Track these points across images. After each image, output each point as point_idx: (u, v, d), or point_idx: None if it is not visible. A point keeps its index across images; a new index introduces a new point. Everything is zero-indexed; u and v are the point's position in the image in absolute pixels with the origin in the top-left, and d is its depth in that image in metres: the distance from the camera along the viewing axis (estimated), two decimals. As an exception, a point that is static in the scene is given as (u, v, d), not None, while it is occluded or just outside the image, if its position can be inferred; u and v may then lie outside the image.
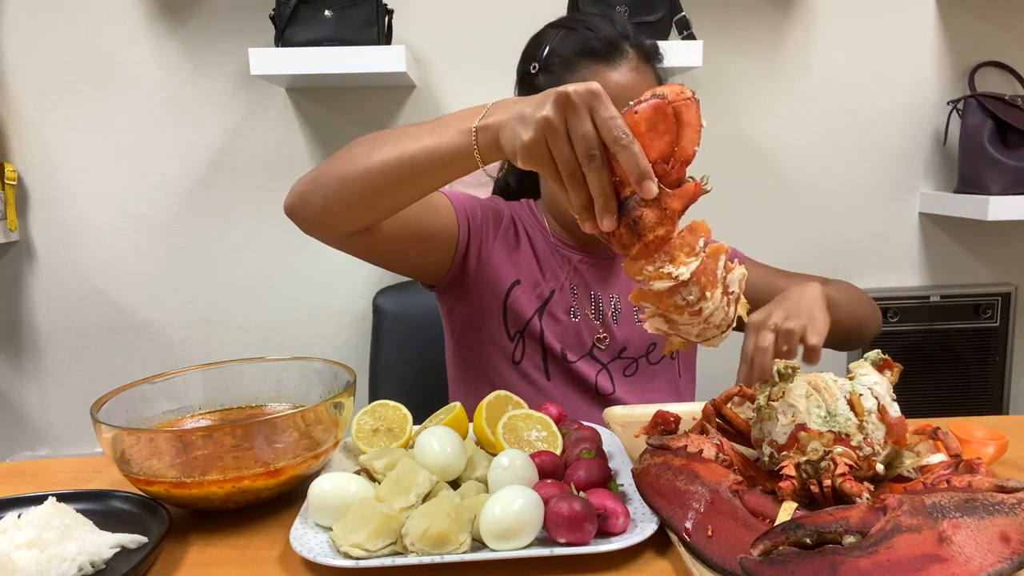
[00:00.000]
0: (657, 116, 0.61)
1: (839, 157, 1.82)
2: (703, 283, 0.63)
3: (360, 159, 0.84)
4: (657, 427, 0.77)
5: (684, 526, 0.61)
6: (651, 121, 0.61)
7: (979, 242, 1.89)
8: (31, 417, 1.83)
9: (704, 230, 0.64)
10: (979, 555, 0.51)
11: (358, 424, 0.82)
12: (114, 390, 0.78)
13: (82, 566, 0.61)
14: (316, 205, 0.88)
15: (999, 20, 1.79)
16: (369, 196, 0.85)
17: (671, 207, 0.63)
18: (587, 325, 1.09)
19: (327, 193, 0.87)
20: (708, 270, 0.63)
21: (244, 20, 1.67)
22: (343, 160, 0.86)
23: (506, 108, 0.71)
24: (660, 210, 0.62)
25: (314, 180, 0.89)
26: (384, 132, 0.86)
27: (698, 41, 1.52)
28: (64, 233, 1.75)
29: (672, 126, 0.61)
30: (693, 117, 0.61)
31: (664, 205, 0.62)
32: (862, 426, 0.65)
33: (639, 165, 0.61)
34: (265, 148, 1.73)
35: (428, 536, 0.60)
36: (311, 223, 0.91)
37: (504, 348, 1.08)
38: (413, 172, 0.81)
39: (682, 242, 0.63)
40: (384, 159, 0.81)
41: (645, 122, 0.61)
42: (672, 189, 0.63)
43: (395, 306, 1.45)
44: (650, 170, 0.61)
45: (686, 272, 0.62)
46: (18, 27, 1.66)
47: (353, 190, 0.85)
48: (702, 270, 0.63)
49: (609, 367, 1.10)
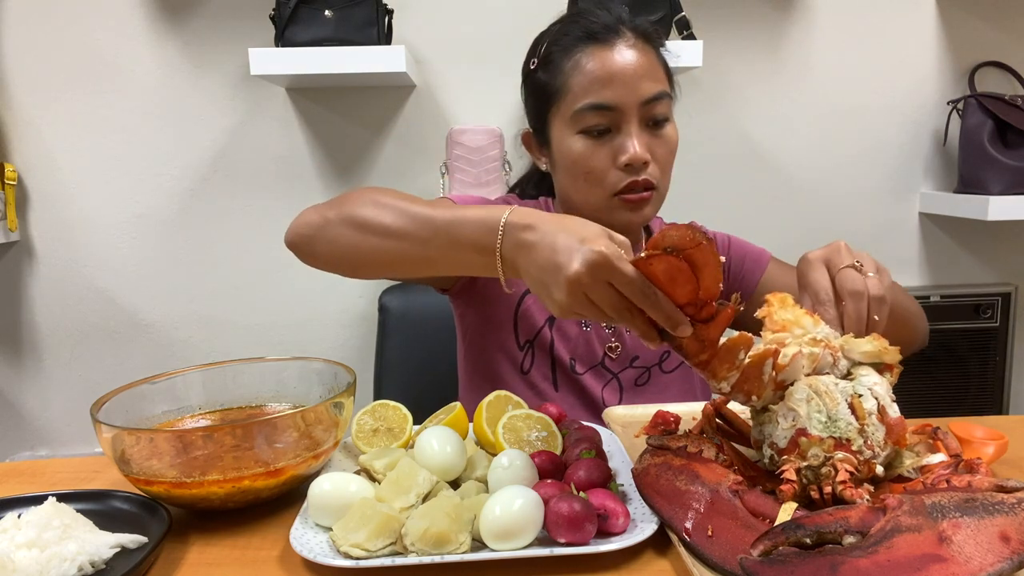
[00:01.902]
0: (673, 270, 0.61)
1: (839, 157, 1.82)
2: (747, 389, 0.67)
3: (372, 235, 0.81)
4: (657, 427, 0.77)
5: (684, 526, 0.61)
6: (668, 274, 0.62)
7: (979, 242, 1.89)
8: (31, 417, 1.83)
9: (744, 343, 0.66)
10: (979, 555, 0.51)
11: (358, 424, 0.82)
12: (114, 390, 0.78)
13: (82, 566, 0.61)
14: (323, 256, 0.87)
15: (999, 20, 1.79)
16: (381, 270, 0.85)
17: (709, 338, 0.65)
18: (598, 334, 1.07)
19: (338, 251, 0.85)
20: (751, 377, 0.67)
21: (244, 20, 1.67)
22: (354, 226, 0.83)
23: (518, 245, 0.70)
24: (699, 341, 0.65)
25: (322, 228, 0.85)
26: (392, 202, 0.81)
27: (698, 41, 1.52)
28: (64, 233, 1.75)
29: (690, 275, 0.62)
30: (708, 258, 0.61)
31: (702, 338, 0.65)
32: (863, 430, 0.65)
33: (669, 316, 0.64)
34: (265, 148, 1.74)
35: (428, 536, 0.60)
36: (317, 266, 0.90)
37: (514, 357, 1.07)
38: (428, 268, 0.81)
39: (720, 360, 0.66)
40: (400, 248, 0.79)
41: (663, 274, 0.62)
42: (706, 322, 0.65)
43: (400, 305, 1.45)
44: (679, 316, 0.64)
45: (726, 387, 0.67)
46: (18, 27, 1.66)
47: (365, 262, 0.84)
48: (743, 380, 0.67)
49: (620, 377, 1.08)
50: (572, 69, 0.97)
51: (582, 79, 0.96)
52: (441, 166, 1.64)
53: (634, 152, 0.94)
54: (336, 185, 1.76)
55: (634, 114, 0.95)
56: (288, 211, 1.75)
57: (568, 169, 1.00)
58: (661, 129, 0.98)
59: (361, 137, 1.75)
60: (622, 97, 0.95)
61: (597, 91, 0.95)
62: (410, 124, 1.75)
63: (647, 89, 0.95)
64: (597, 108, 0.95)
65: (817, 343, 0.69)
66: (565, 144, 0.99)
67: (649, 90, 0.95)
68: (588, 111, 0.95)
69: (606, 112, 0.95)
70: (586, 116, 0.96)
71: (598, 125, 0.96)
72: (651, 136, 0.97)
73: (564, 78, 0.98)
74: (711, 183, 1.81)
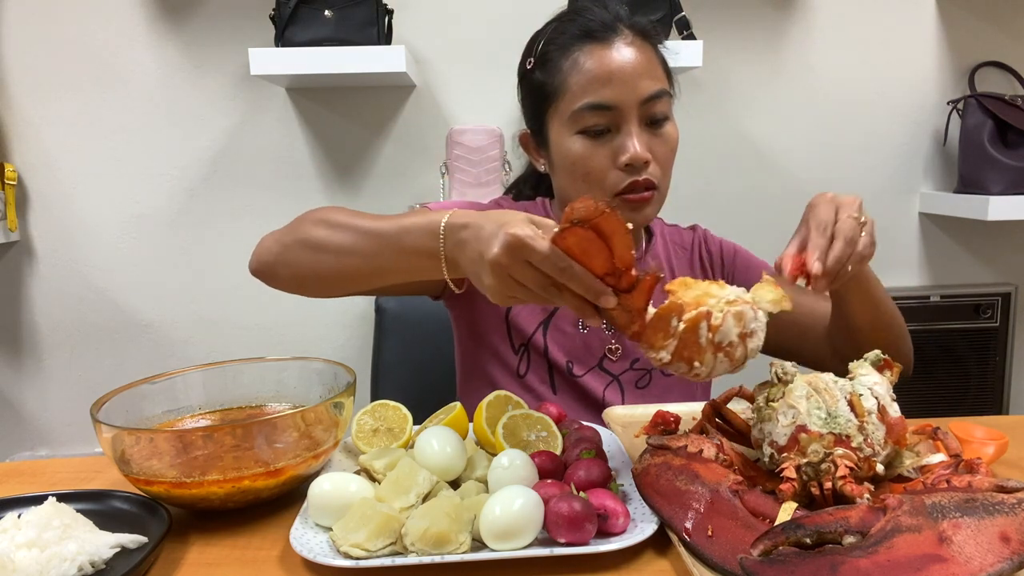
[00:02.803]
0: (583, 242, 0.62)
1: (839, 157, 1.82)
2: (687, 356, 0.67)
3: (324, 254, 0.85)
4: (657, 427, 0.77)
5: (684, 526, 0.61)
6: (580, 246, 0.63)
7: (979, 242, 1.89)
8: (31, 417, 1.83)
9: (674, 309, 0.66)
10: (979, 555, 0.51)
11: (358, 424, 0.82)
12: (114, 390, 0.78)
13: (82, 566, 0.61)
14: (285, 280, 0.91)
15: (999, 20, 1.79)
16: (340, 286, 0.88)
17: (635, 306, 0.65)
18: (597, 336, 1.06)
19: (297, 274, 0.89)
20: (689, 343, 0.66)
21: (244, 20, 1.67)
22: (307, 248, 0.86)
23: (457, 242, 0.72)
24: (626, 312, 0.66)
25: (280, 254, 0.89)
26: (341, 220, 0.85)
27: (698, 41, 1.52)
28: (64, 233, 1.75)
29: (600, 244, 0.63)
30: (615, 226, 0.62)
31: (628, 307, 0.65)
32: (862, 427, 0.65)
33: (589, 288, 0.64)
34: (265, 148, 1.74)
35: (428, 536, 0.60)
36: (283, 290, 0.93)
37: (508, 362, 1.06)
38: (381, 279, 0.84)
39: (654, 330, 0.66)
40: (350, 264, 0.83)
41: (576, 247, 0.63)
42: (629, 291, 0.65)
43: (397, 305, 1.45)
44: (600, 287, 0.64)
45: (666, 355, 0.67)
46: (18, 27, 1.66)
47: (324, 281, 0.87)
48: (683, 346, 0.66)
49: (620, 379, 1.07)
50: (570, 68, 0.96)
51: (580, 78, 0.95)
52: (441, 166, 1.64)
53: (634, 152, 0.93)
54: (336, 185, 1.76)
55: (634, 113, 0.94)
56: (288, 211, 1.75)
57: (567, 170, 0.99)
58: (661, 128, 0.97)
59: (361, 137, 1.75)
60: (621, 96, 0.94)
61: (596, 90, 0.94)
62: (410, 124, 1.75)
63: (646, 87, 0.94)
64: (596, 108, 0.94)
65: (733, 303, 0.68)
66: (564, 145, 0.98)
67: (648, 88, 0.95)
68: (587, 111, 0.94)
69: (605, 112, 0.94)
70: (585, 116, 0.95)
71: (597, 125, 0.95)
72: (651, 135, 0.96)
73: (562, 77, 0.97)
74: (711, 183, 1.81)
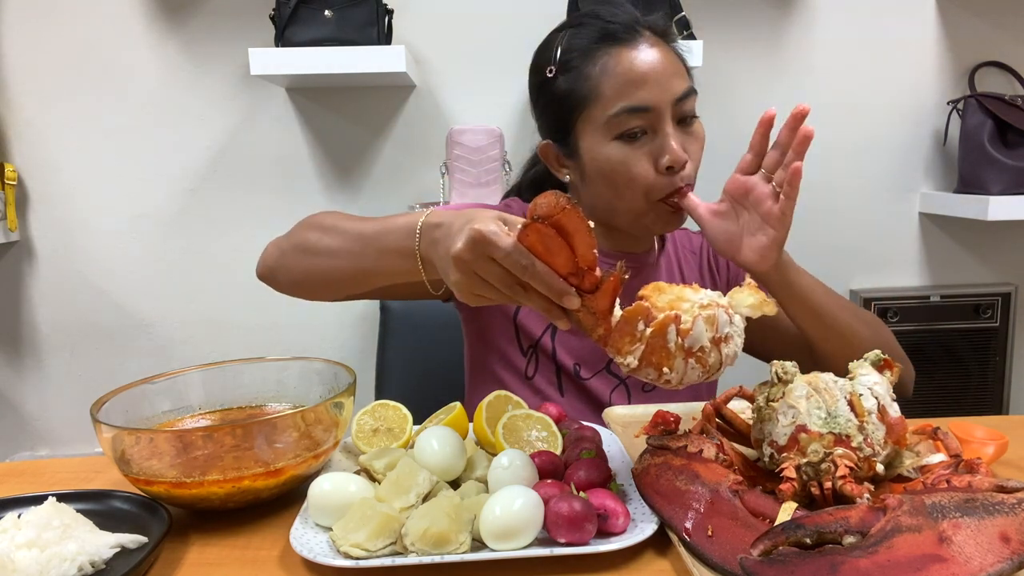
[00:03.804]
0: (545, 239, 0.61)
1: (839, 157, 1.82)
2: (655, 362, 0.65)
3: (316, 257, 0.86)
4: (657, 427, 0.77)
5: (684, 526, 0.61)
6: (543, 244, 0.62)
7: (979, 242, 1.89)
8: (31, 417, 1.83)
9: (641, 313, 0.65)
10: (979, 555, 0.51)
11: (358, 424, 0.82)
12: (114, 390, 0.78)
13: (82, 566, 0.61)
14: (286, 285, 0.94)
15: (999, 20, 1.79)
16: (333, 289, 0.89)
17: (599, 308, 0.64)
18: None
19: (294, 278, 0.91)
20: (657, 348, 0.65)
21: (244, 20, 1.67)
22: (301, 252, 0.89)
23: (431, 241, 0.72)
24: (591, 314, 0.64)
25: (279, 259, 0.92)
26: (332, 223, 0.86)
27: (698, 41, 1.52)
28: (64, 233, 1.75)
29: (561, 242, 0.62)
30: (576, 223, 0.61)
31: (592, 309, 0.64)
32: (862, 427, 0.65)
33: (552, 287, 0.63)
34: (265, 148, 1.74)
35: (428, 536, 0.60)
36: (287, 294, 0.95)
37: (516, 364, 1.06)
38: (368, 281, 0.84)
39: (621, 334, 0.65)
40: (337, 266, 0.84)
41: (539, 244, 0.62)
42: (592, 292, 0.64)
43: (402, 304, 1.45)
44: (562, 286, 0.63)
45: (633, 360, 0.65)
46: (18, 27, 1.66)
47: (317, 284, 0.89)
48: (651, 351, 0.65)
49: (627, 381, 1.06)
50: (600, 73, 0.93)
51: (614, 82, 0.92)
52: (441, 166, 1.64)
53: (676, 154, 0.92)
54: (336, 185, 1.76)
55: (668, 113, 0.93)
56: (288, 211, 1.75)
57: (607, 177, 0.95)
58: (691, 126, 0.97)
59: (361, 137, 1.75)
60: (657, 97, 0.92)
61: (632, 93, 0.91)
62: (410, 124, 1.74)
63: (678, 87, 0.93)
64: (634, 111, 0.91)
65: (707, 307, 0.67)
66: (601, 152, 0.94)
67: (680, 87, 0.93)
68: (625, 114, 0.92)
69: (643, 114, 0.92)
70: (622, 120, 0.92)
71: (636, 128, 0.92)
72: (684, 134, 0.95)
73: (593, 83, 0.93)
74: (711, 183, 1.80)
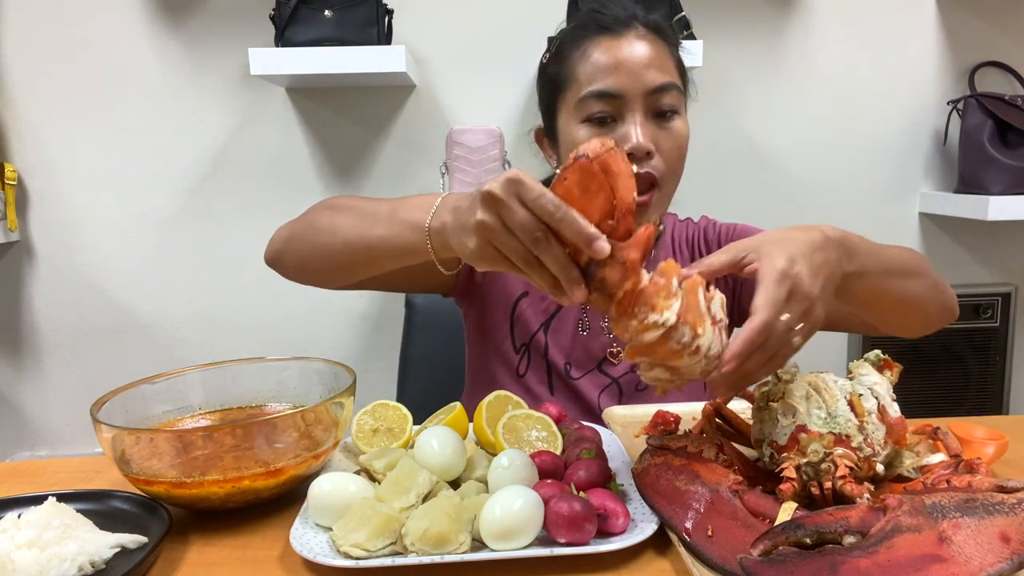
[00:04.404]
0: (586, 177, 0.59)
1: (839, 157, 1.82)
2: (691, 321, 0.61)
3: (324, 235, 0.86)
4: (657, 427, 0.77)
5: (684, 526, 0.61)
6: (582, 184, 0.60)
7: (979, 242, 1.89)
8: (31, 417, 1.83)
9: (674, 269, 0.62)
10: (979, 555, 0.51)
11: (358, 424, 0.82)
12: (114, 390, 0.78)
13: (82, 566, 0.61)
14: (292, 268, 0.94)
15: (999, 20, 1.79)
16: (338, 270, 0.88)
17: (630, 259, 0.61)
18: (598, 340, 1.05)
19: (300, 258, 0.91)
20: (691, 306, 0.61)
21: (244, 20, 1.67)
22: (310, 230, 0.89)
23: (449, 209, 0.70)
24: (620, 265, 0.61)
25: (287, 242, 0.92)
26: (347, 203, 0.87)
27: (698, 41, 1.52)
28: (64, 233, 1.75)
29: (603, 182, 0.60)
30: (621, 166, 0.60)
31: (622, 259, 0.61)
32: (862, 427, 0.65)
33: (583, 231, 0.59)
34: (265, 148, 1.74)
35: (428, 536, 0.60)
36: (293, 279, 0.95)
37: (509, 360, 1.06)
38: (372, 259, 0.83)
39: (656, 288, 0.61)
40: (345, 240, 0.84)
41: (576, 186, 0.60)
42: (624, 241, 0.61)
43: (426, 300, 1.45)
44: (595, 232, 0.59)
45: (671, 316, 0.60)
46: (18, 27, 1.66)
47: (322, 264, 0.88)
48: (686, 308, 0.61)
49: (620, 381, 1.06)
50: (580, 58, 0.96)
51: (588, 67, 0.95)
52: (441, 166, 1.64)
53: (636, 142, 0.92)
54: (336, 185, 1.76)
55: (639, 103, 0.94)
56: (288, 211, 1.74)
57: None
58: (668, 121, 0.96)
59: (361, 137, 1.75)
60: (626, 85, 0.93)
61: (602, 78, 0.94)
62: (410, 124, 1.75)
63: (653, 78, 0.94)
64: (601, 95, 0.94)
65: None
66: (570, 134, 0.98)
67: (655, 80, 0.94)
68: (592, 98, 0.94)
69: (610, 100, 0.94)
70: (590, 104, 0.94)
71: (601, 112, 0.94)
72: (657, 128, 0.95)
73: (571, 67, 0.97)
74: (711, 183, 1.81)
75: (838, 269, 0.68)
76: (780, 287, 0.62)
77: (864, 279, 0.74)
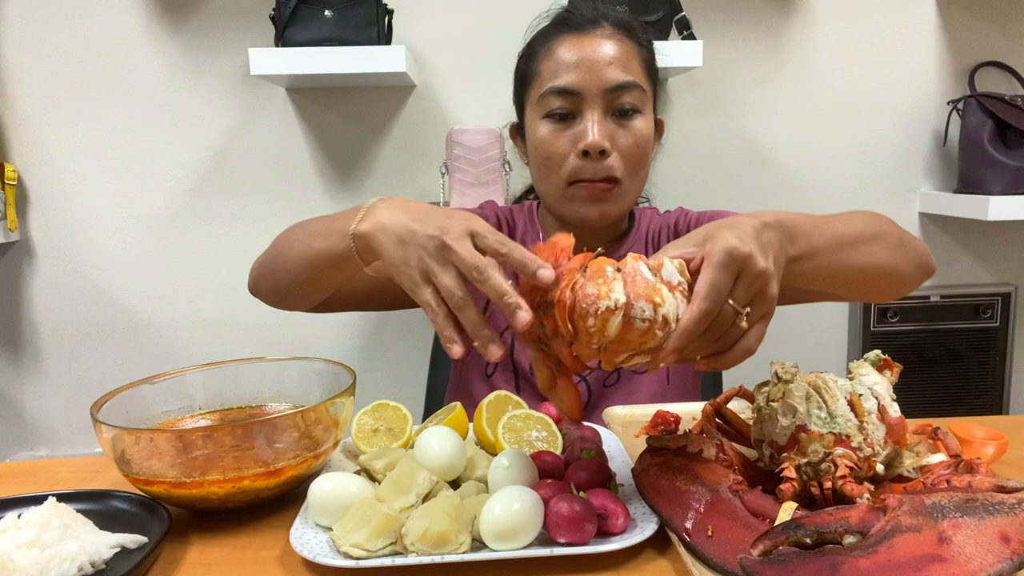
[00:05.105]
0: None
1: (839, 157, 1.82)
2: (644, 294, 0.59)
3: (282, 258, 0.89)
4: (657, 427, 0.77)
5: (684, 526, 0.61)
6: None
7: (979, 242, 1.89)
8: (31, 417, 1.83)
9: (604, 261, 0.62)
10: (979, 555, 0.51)
11: (358, 424, 0.82)
12: (114, 390, 0.78)
13: (82, 566, 0.61)
14: (267, 295, 0.97)
15: (999, 20, 1.79)
16: (298, 290, 0.90)
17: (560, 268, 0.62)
18: None
19: (270, 285, 0.95)
20: (636, 282, 0.60)
21: (244, 20, 1.67)
22: (273, 256, 0.92)
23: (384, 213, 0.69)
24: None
25: (260, 270, 0.96)
26: (303, 225, 0.88)
27: (698, 41, 1.52)
28: (64, 233, 1.75)
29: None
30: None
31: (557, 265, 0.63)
32: (862, 427, 0.65)
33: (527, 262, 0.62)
34: (265, 148, 1.74)
35: (428, 536, 0.60)
36: (272, 306, 0.98)
37: (479, 361, 1.07)
38: (318, 273, 0.84)
39: (592, 277, 0.60)
40: (296, 259, 0.86)
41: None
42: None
43: None
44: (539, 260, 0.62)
45: (620, 295, 0.59)
46: (18, 27, 1.66)
47: (288, 287, 0.91)
48: (631, 285, 0.59)
49: (587, 378, 1.06)
50: (545, 55, 0.99)
51: (551, 64, 0.97)
52: (441, 166, 1.64)
53: (592, 138, 0.93)
54: (336, 185, 1.76)
55: (598, 101, 0.95)
56: (288, 211, 1.75)
57: (532, 155, 1.01)
58: (628, 120, 0.97)
59: (361, 137, 1.75)
60: (585, 82, 0.95)
61: (563, 75, 0.96)
62: (410, 124, 1.75)
63: (613, 76, 0.95)
64: (560, 92, 0.96)
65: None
66: (532, 129, 1.00)
67: (616, 78, 0.95)
68: (552, 95, 0.96)
69: (568, 96, 0.96)
70: (550, 100, 0.97)
71: (561, 109, 0.96)
72: (616, 126, 0.96)
73: (537, 64, 1.00)
74: (710, 183, 1.81)
75: (782, 254, 0.66)
76: (726, 270, 0.60)
77: (815, 259, 0.71)
